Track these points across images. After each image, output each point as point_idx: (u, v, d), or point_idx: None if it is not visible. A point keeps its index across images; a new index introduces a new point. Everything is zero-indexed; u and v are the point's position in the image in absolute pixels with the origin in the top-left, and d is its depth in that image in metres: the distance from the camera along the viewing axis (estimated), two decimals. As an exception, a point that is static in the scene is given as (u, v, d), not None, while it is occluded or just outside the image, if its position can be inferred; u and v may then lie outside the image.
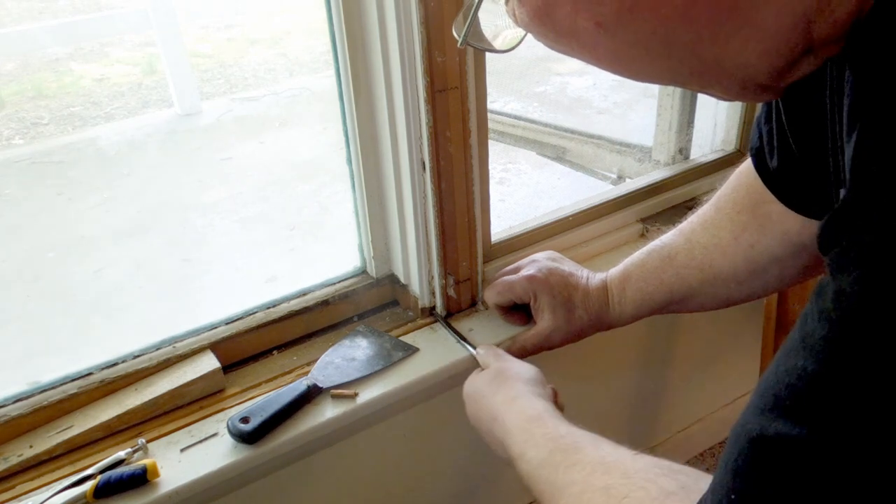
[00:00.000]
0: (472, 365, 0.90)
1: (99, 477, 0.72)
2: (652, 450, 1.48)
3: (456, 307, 0.97)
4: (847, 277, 0.35)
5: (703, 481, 0.49)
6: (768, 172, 0.66)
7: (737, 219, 0.76)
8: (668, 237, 0.84)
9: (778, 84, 0.42)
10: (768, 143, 0.64)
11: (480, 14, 0.48)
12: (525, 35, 0.48)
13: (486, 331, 0.94)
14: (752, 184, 0.73)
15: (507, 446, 0.70)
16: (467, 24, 0.48)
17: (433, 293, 0.95)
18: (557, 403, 0.76)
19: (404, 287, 0.98)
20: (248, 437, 0.77)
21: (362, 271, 1.00)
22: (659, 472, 0.54)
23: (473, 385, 0.80)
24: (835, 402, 0.35)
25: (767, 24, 0.37)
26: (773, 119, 0.62)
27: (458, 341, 0.91)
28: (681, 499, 0.50)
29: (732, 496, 0.39)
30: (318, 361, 0.88)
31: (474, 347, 0.89)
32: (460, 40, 0.50)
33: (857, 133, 0.37)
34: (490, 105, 0.90)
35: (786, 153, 0.62)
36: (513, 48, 0.51)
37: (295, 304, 0.93)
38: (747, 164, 0.75)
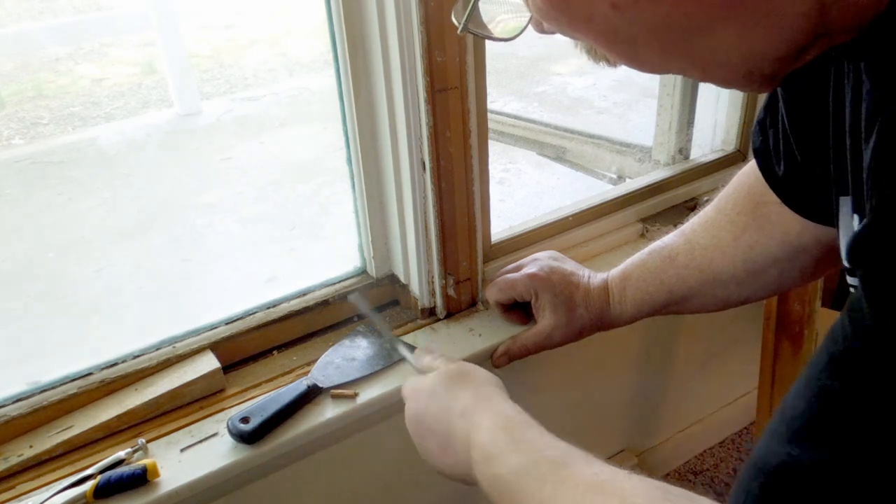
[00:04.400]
0: (478, 360, 0.90)
1: (99, 477, 0.72)
2: (652, 450, 1.49)
3: (456, 307, 0.97)
4: (872, 297, 0.34)
5: None
6: (776, 178, 0.66)
7: (737, 220, 0.76)
8: (669, 238, 0.84)
9: (780, 73, 0.41)
10: (774, 148, 0.64)
11: (481, 1, 0.47)
12: (528, 23, 0.47)
13: (486, 330, 0.94)
14: (754, 185, 0.73)
15: (476, 446, 0.63)
16: (468, 9, 0.47)
17: (433, 293, 0.95)
18: None
19: (404, 287, 0.98)
20: (248, 437, 0.77)
21: (362, 271, 1.00)
22: (658, 495, 0.50)
23: (423, 383, 0.72)
24: (858, 423, 0.34)
25: (780, 10, 0.37)
26: (779, 123, 0.61)
27: (393, 341, 0.87)
28: None
29: None
30: (318, 361, 0.88)
31: (412, 350, 0.84)
32: (460, 26, 0.49)
33: (875, 138, 0.36)
34: (490, 105, 0.90)
35: (791, 158, 0.62)
36: (515, 36, 0.50)
37: (295, 304, 0.93)
38: (750, 166, 0.75)
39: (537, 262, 0.91)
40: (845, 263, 0.42)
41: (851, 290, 0.46)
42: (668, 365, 1.33)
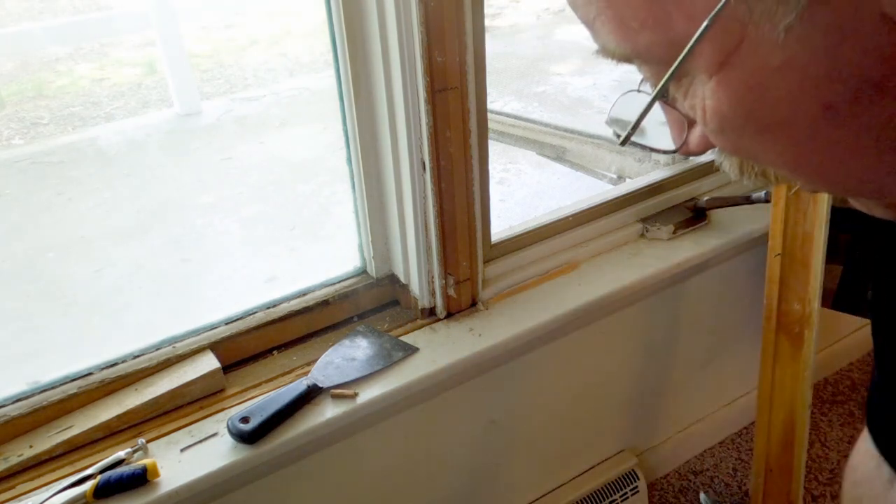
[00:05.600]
0: (472, 364, 0.90)
1: (99, 477, 0.72)
2: (652, 450, 1.49)
3: (456, 307, 0.97)
4: None
5: None
6: None
7: None
8: None
9: None
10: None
11: (625, 102, 0.40)
12: (685, 135, 0.39)
13: (486, 330, 0.94)
14: (873, 474, 0.58)
15: None
16: (633, 125, 0.40)
17: (433, 293, 0.95)
18: None
19: (404, 287, 0.98)
20: (248, 437, 0.77)
21: (362, 271, 1.00)
22: None
23: None
24: None
25: None
26: None
27: None
28: None
29: None
30: (318, 361, 0.88)
31: None
32: (621, 139, 0.41)
33: None
34: (490, 105, 0.90)
35: None
36: (678, 150, 0.41)
37: (295, 304, 0.93)
38: (859, 477, 0.60)
39: None
40: None
41: None
42: (668, 365, 1.33)
